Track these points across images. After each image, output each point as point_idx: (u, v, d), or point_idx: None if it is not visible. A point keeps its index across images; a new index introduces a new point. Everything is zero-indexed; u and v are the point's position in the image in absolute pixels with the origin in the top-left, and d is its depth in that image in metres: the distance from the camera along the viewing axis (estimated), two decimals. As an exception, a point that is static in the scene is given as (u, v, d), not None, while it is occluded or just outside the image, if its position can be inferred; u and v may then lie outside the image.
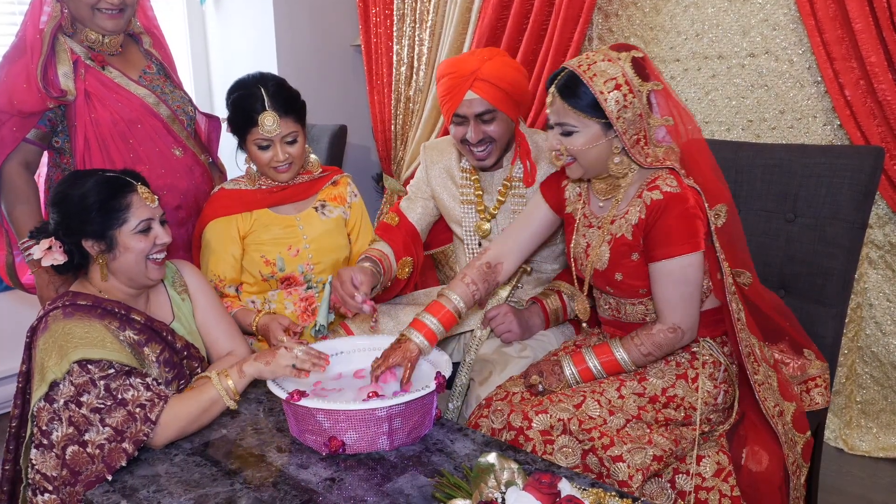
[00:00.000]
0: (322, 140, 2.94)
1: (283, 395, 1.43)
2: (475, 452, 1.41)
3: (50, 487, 1.40)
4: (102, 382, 1.41)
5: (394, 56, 3.30)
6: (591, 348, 1.63)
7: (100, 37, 1.98)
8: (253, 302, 2.05)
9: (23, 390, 1.57)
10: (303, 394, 1.41)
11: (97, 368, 1.42)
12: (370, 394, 1.49)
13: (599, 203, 1.66)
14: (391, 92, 3.37)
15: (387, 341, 1.71)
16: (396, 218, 2.07)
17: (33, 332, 1.53)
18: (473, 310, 1.96)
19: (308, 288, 2.05)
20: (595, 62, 1.51)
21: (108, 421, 1.39)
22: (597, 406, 1.52)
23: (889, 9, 2.09)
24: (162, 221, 1.62)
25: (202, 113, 2.25)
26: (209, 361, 1.76)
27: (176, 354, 1.63)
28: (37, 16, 1.93)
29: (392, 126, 3.41)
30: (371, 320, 1.94)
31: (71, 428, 1.39)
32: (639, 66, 1.52)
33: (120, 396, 1.41)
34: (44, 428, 1.41)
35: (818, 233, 1.82)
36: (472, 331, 1.94)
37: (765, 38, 2.51)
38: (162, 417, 1.42)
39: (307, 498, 1.29)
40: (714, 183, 1.59)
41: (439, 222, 2.16)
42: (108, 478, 1.36)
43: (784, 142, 2.52)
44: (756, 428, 1.59)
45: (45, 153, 2.06)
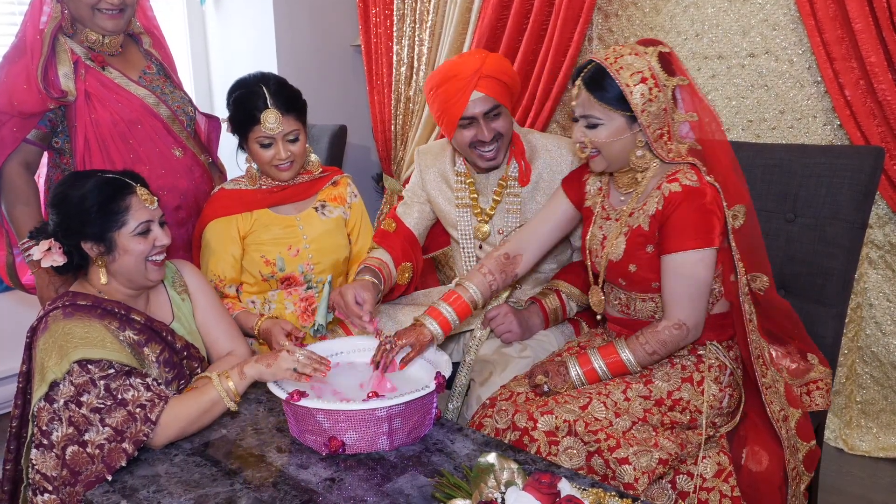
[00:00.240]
0: (322, 140, 2.94)
1: (283, 396, 1.43)
2: (475, 452, 1.41)
3: (50, 487, 1.40)
4: (102, 382, 1.41)
5: (394, 56, 3.30)
6: (597, 349, 1.62)
7: (100, 37, 1.98)
8: (253, 302, 2.05)
9: (23, 390, 1.57)
10: (303, 394, 1.41)
11: (97, 368, 1.42)
12: (370, 394, 1.49)
13: (620, 197, 1.67)
14: (391, 92, 3.37)
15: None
16: (393, 224, 2.07)
17: (33, 333, 1.53)
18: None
19: (308, 288, 2.05)
20: (622, 55, 1.51)
21: (108, 421, 1.39)
22: (602, 408, 1.52)
23: (889, 9, 2.09)
24: (161, 223, 1.61)
25: (202, 113, 2.25)
26: (209, 361, 1.76)
27: (176, 354, 1.63)
28: (37, 16, 1.93)
29: (392, 126, 3.41)
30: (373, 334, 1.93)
31: (71, 428, 1.39)
32: (665, 61, 1.53)
33: (120, 396, 1.41)
34: (44, 428, 1.41)
35: (818, 233, 1.82)
36: (472, 331, 1.94)
37: (765, 39, 2.51)
38: (162, 418, 1.42)
39: (307, 498, 1.29)
40: (734, 182, 1.59)
41: (437, 225, 2.17)
42: (108, 478, 1.36)
43: (784, 142, 2.52)
44: (757, 428, 1.59)
45: (45, 153, 2.06)
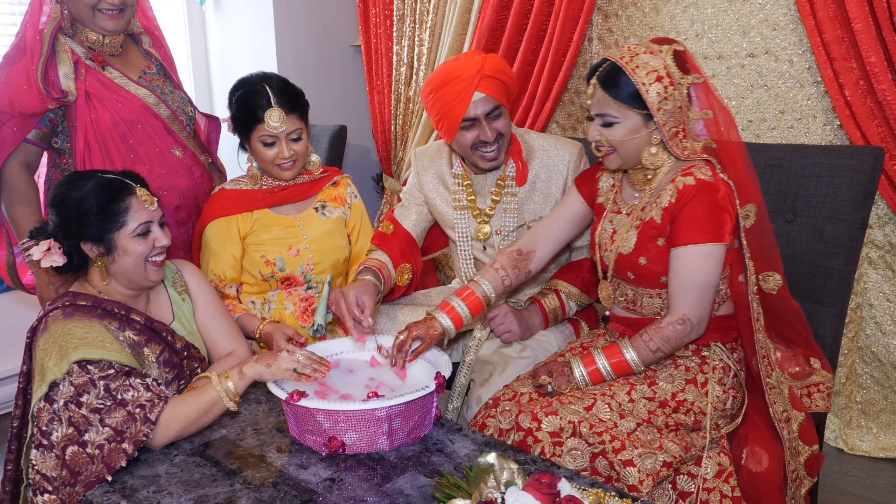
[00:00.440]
0: (322, 140, 2.94)
1: (283, 396, 1.43)
2: (475, 452, 1.41)
3: (50, 488, 1.40)
4: (102, 383, 1.41)
5: (394, 56, 3.30)
6: (601, 349, 1.62)
7: (100, 37, 1.98)
8: (253, 302, 2.05)
9: (24, 390, 1.57)
10: (302, 394, 1.41)
11: (97, 369, 1.42)
12: (370, 394, 1.49)
13: (634, 193, 1.68)
14: (391, 92, 3.37)
15: (385, 341, 1.71)
16: (391, 226, 2.07)
17: (33, 333, 1.53)
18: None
19: (308, 288, 2.05)
20: (637, 54, 1.52)
21: (108, 421, 1.39)
22: (607, 409, 1.51)
23: (889, 9, 2.09)
24: (161, 223, 1.61)
25: (202, 113, 2.25)
26: (209, 362, 1.76)
27: (176, 355, 1.63)
28: (36, 17, 1.93)
29: (392, 126, 3.41)
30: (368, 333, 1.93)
31: (71, 428, 1.39)
32: (680, 60, 1.54)
33: (120, 397, 1.41)
34: (44, 428, 1.41)
35: (818, 233, 1.82)
36: (472, 331, 1.94)
37: (764, 39, 2.51)
38: (162, 418, 1.42)
39: (307, 498, 1.29)
40: (747, 181, 1.59)
41: (436, 226, 2.16)
42: (108, 478, 1.36)
43: (784, 142, 2.52)
44: (757, 428, 1.59)
45: (45, 154, 2.06)
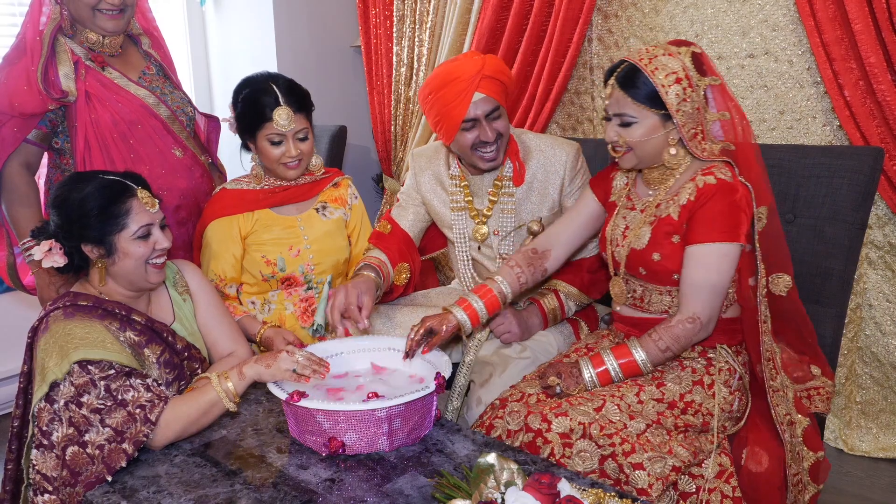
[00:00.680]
0: (322, 141, 2.95)
1: (283, 396, 1.43)
2: (475, 453, 1.42)
3: (50, 488, 1.40)
4: (103, 383, 1.41)
5: (394, 57, 3.31)
6: (610, 350, 1.62)
7: (99, 38, 1.98)
8: (253, 303, 2.05)
9: (24, 390, 1.57)
10: (303, 395, 1.41)
11: (97, 369, 1.42)
12: (370, 394, 1.49)
13: (648, 191, 1.69)
14: (391, 93, 3.37)
15: (385, 342, 1.71)
16: (389, 226, 2.08)
17: (34, 333, 1.53)
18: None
19: (308, 289, 2.05)
20: (656, 56, 1.54)
21: (108, 421, 1.39)
22: (617, 410, 1.51)
23: (888, 9, 2.09)
24: (162, 226, 1.61)
25: (201, 113, 2.25)
26: (210, 362, 1.76)
27: (176, 355, 1.63)
28: (36, 17, 1.94)
29: (392, 127, 3.42)
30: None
31: (71, 428, 1.39)
32: (697, 62, 1.56)
33: (120, 397, 1.41)
34: (44, 428, 1.41)
35: (818, 233, 1.82)
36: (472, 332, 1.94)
37: (764, 39, 2.51)
38: (162, 418, 1.42)
39: (307, 498, 1.29)
40: (762, 183, 1.61)
41: (435, 226, 2.17)
42: (108, 478, 1.36)
43: (783, 142, 2.52)
44: (758, 429, 1.59)
45: (46, 154, 2.06)
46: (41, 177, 2.08)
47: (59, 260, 1.53)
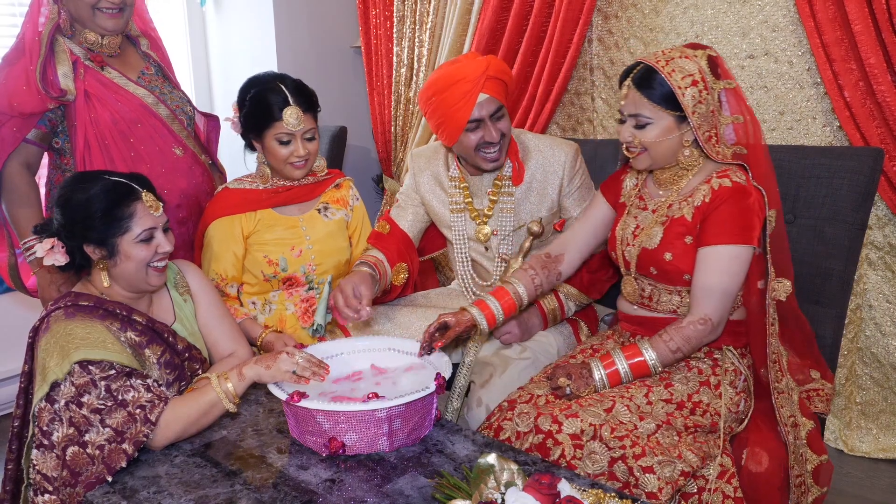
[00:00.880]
0: (322, 141, 2.94)
1: (284, 397, 1.43)
2: (475, 453, 1.42)
3: (50, 488, 1.40)
4: (103, 383, 1.42)
5: (394, 58, 3.31)
6: (620, 350, 1.62)
7: (98, 38, 1.98)
8: (253, 303, 2.06)
9: (25, 390, 1.57)
10: (303, 395, 1.41)
11: (98, 369, 1.42)
12: (370, 395, 1.49)
13: (659, 191, 1.70)
14: (391, 93, 3.37)
15: (385, 342, 1.71)
16: (388, 226, 2.08)
17: (35, 333, 1.54)
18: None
19: (309, 289, 2.06)
20: (673, 58, 1.55)
21: (109, 422, 1.39)
22: (626, 411, 1.51)
23: (888, 10, 2.10)
24: (165, 229, 1.61)
25: (201, 113, 2.25)
26: (210, 363, 1.76)
27: (177, 356, 1.63)
28: (35, 18, 1.95)
29: (392, 127, 3.42)
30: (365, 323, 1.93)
31: (71, 428, 1.39)
32: (713, 65, 1.58)
33: (120, 397, 1.41)
34: (44, 428, 1.41)
35: (818, 234, 1.82)
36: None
37: (764, 40, 2.51)
38: (162, 419, 1.42)
39: (307, 499, 1.29)
40: (772, 186, 1.62)
41: (434, 227, 2.17)
42: (109, 479, 1.36)
43: (783, 143, 2.52)
44: (759, 430, 1.60)
45: (46, 155, 2.06)
46: (41, 177, 2.08)
47: (61, 258, 1.53)
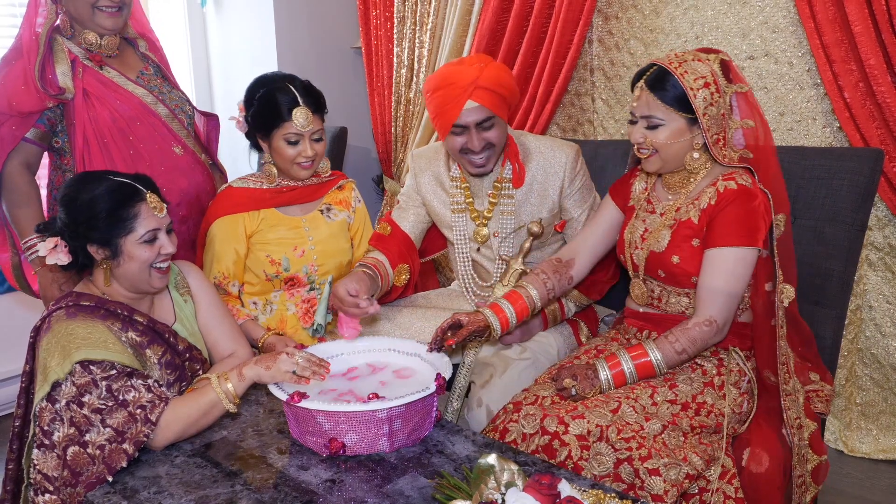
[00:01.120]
0: (322, 142, 2.95)
1: (284, 397, 1.43)
2: (475, 454, 1.42)
3: (51, 488, 1.40)
4: (104, 383, 1.42)
5: (394, 58, 3.31)
6: (626, 350, 1.62)
7: (97, 38, 1.99)
8: (255, 303, 2.06)
9: (26, 390, 1.57)
10: (303, 395, 1.41)
11: (99, 369, 1.43)
12: (370, 395, 1.49)
13: (668, 195, 1.71)
14: (391, 94, 3.38)
15: (385, 343, 1.71)
16: (389, 228, 2.07)
17: (37, 332, 1.54)
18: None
19: (311, 289, 2.06)
20: (686, 60, 1.57)
21: (109, 422, 1.39)
22: (632, 412, 1.51)
23: (888, 11, 2.10)
24: (168, 230, 1.61)
25: (200, 112, 2.26)
26: (211, 363, 1.76)
27: (178, 356, 1.63)
28: (33, 18, 1.95)
29: (392, 128, 3.42)
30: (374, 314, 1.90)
31: (72, 428, 1.40)
32: (725, 68, 1.59)
33: (121, 397, 1.42)
34: (45, 428, 1.41)
35: (818, 234, 1.82)
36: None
37: (764, 41, 2.51)
38: (162, 419, 1.42)
39: (308, 499, 1.29)
40: (780, 191, 1.63)
41: (435, 227, 2.16)
42: (109, 479, 1.37)
43: (783, 144, 2.52)
44: (760, 430, 1.60)
45: (47, 156, 2.06)
46: (42, 178, 2.08)
47: (63, 258, 1.53)
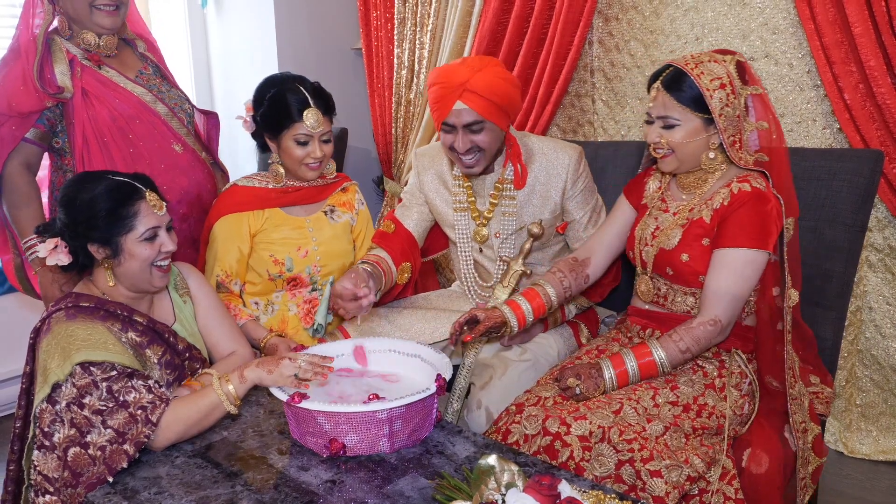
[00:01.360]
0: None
1: (284, 398, 1.43)
2: (475, 455, 1.42)
3: (51, 489, 1.40)
4: (104, 384, 1.42)
5: (394, 59, 3.31)
6: (630, 350, 1.63)
7: (96, 38, 1.99)
8: (256, 303, 2.06)
9: (27, 391, 1.57)
10: (304, 396, 1.41)
11: (99, 370, 1.43)
12: (371, 396, 1.50)
13: (682, 196, 1.72)
14: (392, 95, 3.38)
15: (385, 344, 1.71)
16: (392, 226, 2.07)
17: (36, 334, 1.54)
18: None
19: (313, 290, 2.06)
20: (702, 61, 1.58)
21: (110, 423, 1.39)
22: (634, 414, 1.52)
23: (888, 13, 2.10)
24: (168, 228, 1.61)
25: (199, 110, 2.26)
26: (211, 363, 1.76)
27: (178, 356, 1.63)
28: (29, 19, 1.96)
29: (392, 129, 3.42)
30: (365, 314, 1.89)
31: (73, 429, 1.40)
32: (741, 70, 1.60)
33: (122, 398, 1.42)
34: (46, 429, 1.41)
35: (817, 236, 1.82)
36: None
37: (764, 42, 2.51)
38: (163, 420, 1.42)
39: (308, 500, 1.29)
40: (791, 195, 1.63)
41: (437, 227, 2.17)
42: (110, 479, 1.37)
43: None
44: (760, 431, 1.60)
45: (48, 157, 2.06)
46: (43, 179, 2.09)
47: (64, 259, 1.53)
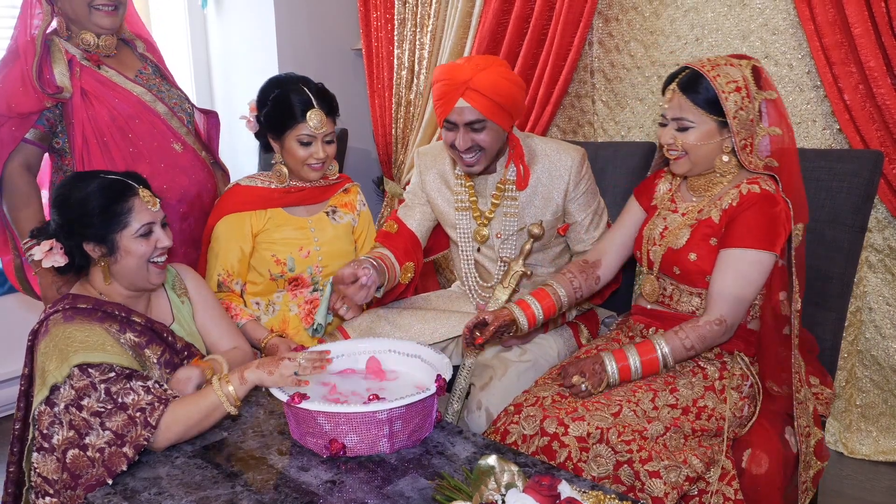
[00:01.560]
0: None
1: (285, 398, 1.43)
2: (475, 455, 1.42)
3: (51, 490, 1.40)
4: (103, 386, 1.42)
5: (394, 60, 3.31)
6: (634, 346, 1.63)
7: (95, 38, 1.99)
8: (257, 304, 2.06)
9: (26, 393, 1.57)
10: (304, 396, 1.41)
11: (98, 372, 1.43)
12: (371, 396, 1.50)
13: (692, 198, 1.72)
14: (392, 96, 3.38)
15: (384, 344, 1.71)
16: (395, 226, 2.07)
17: (34, 336, 1.54)
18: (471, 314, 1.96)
19: (314, 290, 2.07)
20: (718, 65, 1.59)
21: (109, 425, 1.39)
22: (633, 415, 1.52)
23: (888, 14, 2.10)
24: (163, 224, 1.62)
25: (199, 109, 2.26)
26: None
27: (176, 355, 1.63)
28: (28, 19, 1.96)
29: (393, 130, 3.42)
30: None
31: (71, 431, 1.40)
32: (756, 75, 1.61)
33: (120, 400, 1.42)
34: (44, 431, 1.41)
35: (817, 236, 1.82)
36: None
37: (764, 43, 2.52)
38: (162, 421, 1.42)
39: (308, 500, 1.29)
40: (801, 200, 1.64)
41: (439, 227, 2.17)
42: (109, 481, 1.36)
43: (783, 146, 2.53)
44: (759, 432, 1.60)
45: (48, 158, 2.06)
46: (44, 182, 2.09)
47: (60, 260, 1.53)
